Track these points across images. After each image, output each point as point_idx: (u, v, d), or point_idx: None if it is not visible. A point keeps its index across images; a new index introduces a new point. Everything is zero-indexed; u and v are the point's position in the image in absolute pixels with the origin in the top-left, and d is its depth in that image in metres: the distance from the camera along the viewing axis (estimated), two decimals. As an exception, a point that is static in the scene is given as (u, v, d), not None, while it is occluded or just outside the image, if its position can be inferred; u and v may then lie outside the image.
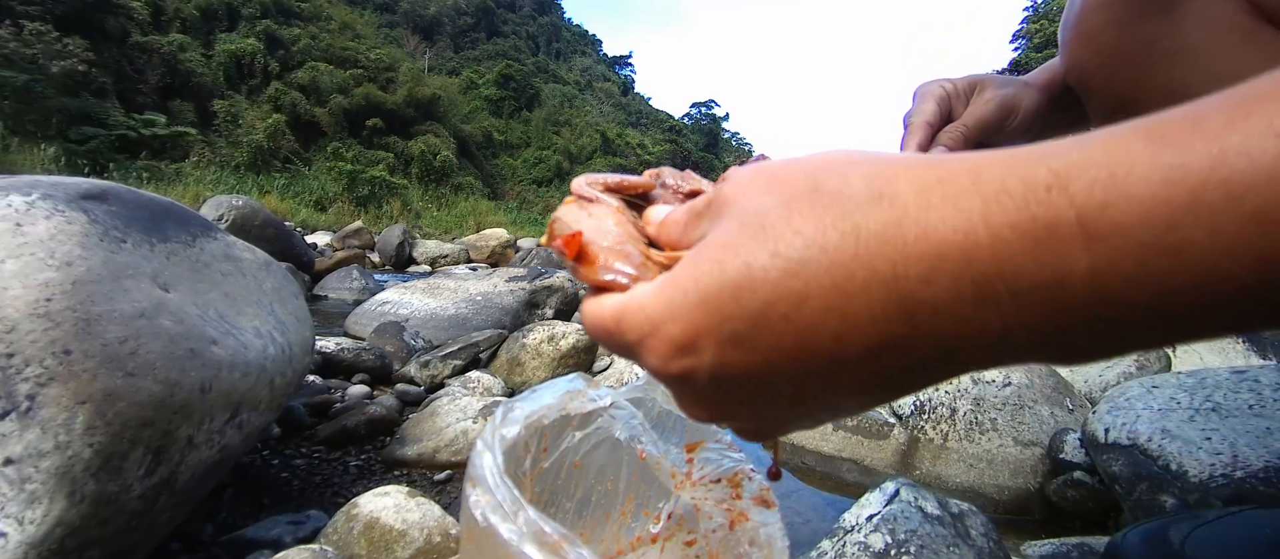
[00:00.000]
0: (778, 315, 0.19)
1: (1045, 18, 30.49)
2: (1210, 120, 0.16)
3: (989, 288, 0.17)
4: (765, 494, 0.48)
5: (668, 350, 0.22)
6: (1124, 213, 0.16)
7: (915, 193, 0.18)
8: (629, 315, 0.23)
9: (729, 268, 0.20)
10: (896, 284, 0.18)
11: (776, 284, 0.19)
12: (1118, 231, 0.16)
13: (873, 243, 0.18)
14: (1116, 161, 0.16)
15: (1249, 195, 0.15)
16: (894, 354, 0.19)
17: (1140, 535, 0.62)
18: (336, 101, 20.48)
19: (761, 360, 0.20)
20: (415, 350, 1.86)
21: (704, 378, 0.21)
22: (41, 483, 0.56)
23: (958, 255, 0.17)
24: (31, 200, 0.67)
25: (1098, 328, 0.17)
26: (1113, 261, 0.16)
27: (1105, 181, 0.16)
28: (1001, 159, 0.18)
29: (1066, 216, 0.16)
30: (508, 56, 38.94)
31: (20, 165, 8.53)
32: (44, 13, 11.90)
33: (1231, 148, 0.15)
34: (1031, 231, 0.17)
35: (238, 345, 0.78)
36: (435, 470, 1.16)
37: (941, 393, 1.29)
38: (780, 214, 0.20)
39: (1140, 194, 0.16)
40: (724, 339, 0.20)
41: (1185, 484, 0.87)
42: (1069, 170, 0.17)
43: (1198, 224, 0.15)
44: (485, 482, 0.32)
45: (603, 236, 0.25)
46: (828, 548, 0.71)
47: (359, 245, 6.53)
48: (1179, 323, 0.17)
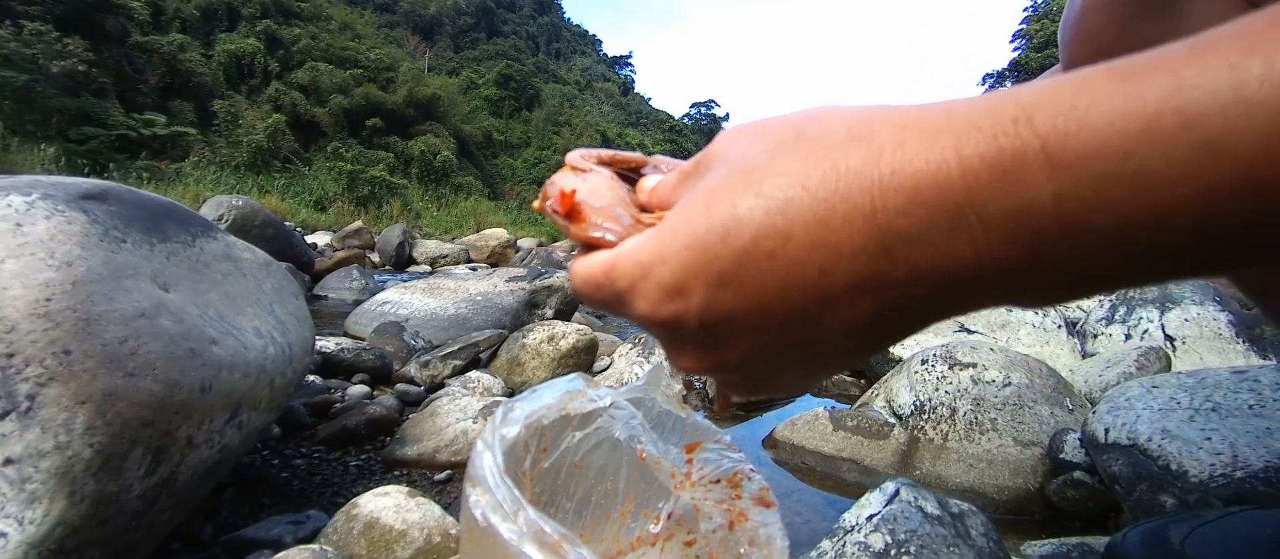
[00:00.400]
0: (764, 253, 0.20)
1: (1046, 17, 30.48)
2: (1172, 57, 0.17)
3: (961, 217, 0.18)
4: (765, 494, 0.48)
5: (658, 294, 0.22)
6: (1084, 141, 0.17)
7: (892, 132, 0.19)
8: (620, 263, 0.23)
9: (717, 210, 0.21)
10: (874, 216, 0.19)
11: (762, 222, 0.20)
12: (1079, 159, 0.17)
13: (852, 179, 0.19)
14: (1080, 95, 0.17)
15: (1203, 124, 0.15)
16: (876, 289, 0.20)
17: (1140, 535, 0.62)
18: (336, 101, 20.47)
19: (748, 301, 0.21)
20: (415, 350, 1.86)
21: (693, 321, 0.22)
22: (41, 483, 0.56)
23: (931, 186, 0.18)
24: (31, 200, 0.67)
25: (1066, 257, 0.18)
26: (1075, 189, 0.17)
27: (1068, 113, 0.17)
28: (974, 100, 0.19)
29: (1032, 146, 0.17)
30: (508, 56, 38.93)
31: (20, 165, 8.53)
32: (44, 13, 11.90)
33: (1188, 79, 0.16)
34: (999, 162, 0.17)
35: (238, 345, 0.78)
36: (435, 470, 1.16)
37: (941, 393, 1.29)
38: (765, 159, 0.21)
39: (1100, 123, 0.17)
40: (712, 280, 0.21)
41: (1185, 484, 0.87)
42: (1036, 104, 0.18)
43: (1153, 151, 0.16)
44: (485, 482, 0.32)
45: (595, 198, 0.26)
46: (828, 548, 0.71)
47: (359, 245, 6.53)
48: (1144, 256, 0.17)
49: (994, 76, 35.27)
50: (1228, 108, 0.15)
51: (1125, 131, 0.16)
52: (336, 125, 20.30)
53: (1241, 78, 0.15)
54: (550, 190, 0.27)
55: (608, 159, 0.28)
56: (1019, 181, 0.17)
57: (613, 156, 0.28)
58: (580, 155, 0.28)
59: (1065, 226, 0.17)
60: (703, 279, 0.21)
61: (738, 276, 0.21)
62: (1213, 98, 0.16)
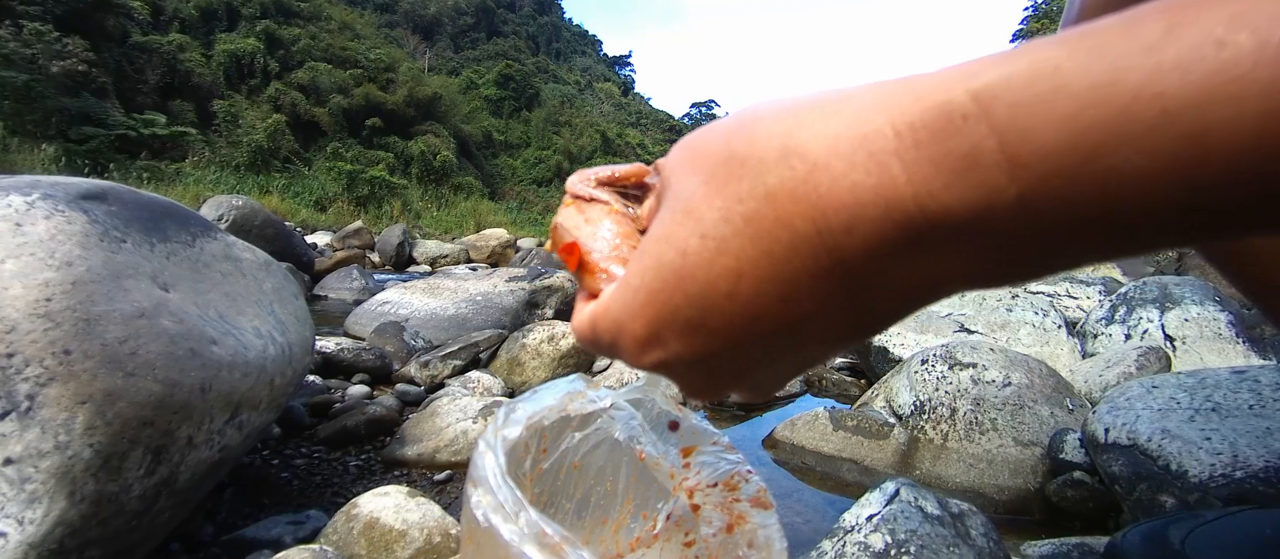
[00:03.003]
0: (721, 295, 0.19)
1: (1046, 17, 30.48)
2: (1147, 27, 0.15)
3: (914, 228, 0.16)
4: (762, 496, 0.48)
5: (636, 348, 0.22)
6: (1049, 137, 0.15)
7: (824, 140, 0.18)
8: (600, 320, 0.24)
9: (666, 259, 0.21)
10: (821, 238, 0.18)
11: (710, 265, 0.19)
12: (1043, 157, 0.15)
13: (788, 204, 0.18)
14: (1042, 80, 0.15)
15: (1187, 113, 0.14)
16: (846, 300, 0.19)
17: (1140, 535, 0.62)
18: (336, 101, 20.48)
19: (722, 340, 0.20)
20: (415, 350, 1.86)
21: (680, 364, 0.22)
22: (41, 483, 0.56)
23: (875, 199, 0.17)
24: (31, 200, 0.67)
25: (1037, 249, 0.16)
26: (1042, 187, 0.15)
27: (1029, 103, 0.15)
28: (917, 85, 0.17)
29: (987, 145, 0.15)
30: (508, 56, 38.93)
31: (20, 165, 8.53)
32: (44, 13, 11.89)
33: (1168, 60, 0.14)
34: (951, 166, 0.16)
35: (238, 345, 0.78)
36: (435, 470, 1.16)
37: (941, 393, 1.29)
38: (701, 194, 0.20)
39: (1066, 114, 0.15)
40: (681, 328, 0.21)
41: (1185, 484, 0.87)
42: (990, 93, 0.15)
43: (1129, 145, 0.14)
44: (487, 482, 0.32)
45: (599, 242, 0.25)
46: (828, 548, 0.71)
47: (359, 245, 6.53)
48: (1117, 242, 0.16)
49: (994, 76, 35.16)
50: (1215, 94, 0.13)
51: (1097, 122, 0.14)
52: (336, 125, 20.30)
53: (1232, 57, 0.13)
54: (556, 237, 0.27)
55: (607, 179, 0.27)
56: (977, 185, 0.16)
57: (612, 176, 0.27)
58: (580, 181, 0.27)
59: (1032, 225, 0.16)
60: (672, 329, 0.21)
61: (703, 322, 0.20)
62: (1200, 84, 0.13)
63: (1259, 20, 0.13)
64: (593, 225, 0.26)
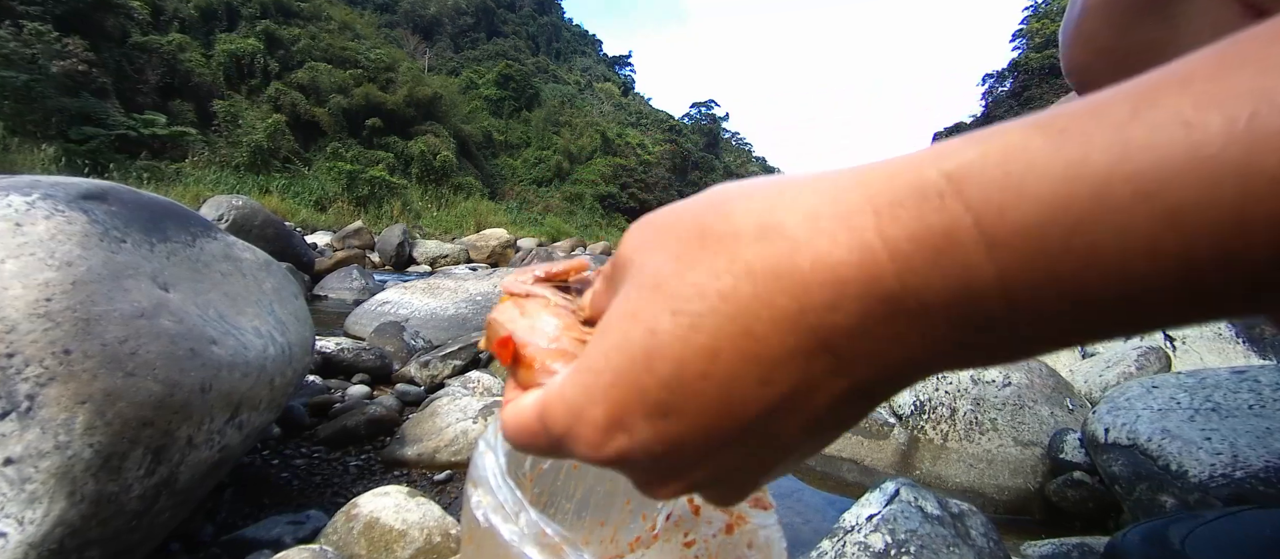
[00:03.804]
0: (694, 375, 0.18)
1: (1046, 17, 30.46)
2: (1114, 110, 0.15)
3: (898, 304, 0.16)
4: (762, 496, 0.48)
5: (595, 435, 0.20)
6: (1024, 215, 0.15)
7: (803, 217, 0.18)
8: (550, 407, 0.21)
9: (634, 337, 0.19)
10: (804, 317, 0.17)
11: (684, 343, 0.18)
12: (1019, 235, 0.15)
13: (768, 280, 0.17)
14: (1013, 160, 0.15)
15: (1161, 192, 0.14)
16: (827, 385, 0.18)
17: (1140, 535, 0.62)
18: (336, 101, 20.48)
19: (693, 425, 0.19)
20: (415, 350, 1.86)
21: (644, 455, 0.20)
22: (41, 483, 0.56)
23: (858, 276, 0.16)
24: (31, 200, 0.67)
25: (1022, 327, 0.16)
26: (1021, 266, 0.15)
27: (1001, 182, 0.15)
28: (891, 166, 0.17)
29: (964, 223, 0.15)
30: (508, 56, 38.94)
31: (20, 165, 8.53)
32: (44, 13, 11.90)
33: (1137, 140, 0.14)
34: (931, 242, 0.16)
35: (238, 345, 0.78)
36: (435, 470, 1.16)
37: (941, 393, 1.29)
38: (672, 269, 0.19)
39: (1040, 193, 0.15)
40: (650, 411, 0.19)
41: (1185, 484, 0.87)
42: (963, 172, 0.16)
43: (1106, 224, 0.14)
44: (488, 482, 0.32)
45: (536, 336, 0.24)
46: (828, 548, 0.71)
47: (359, 245, 6.53)
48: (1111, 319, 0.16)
49: (994, 76, 35.26)
50: (1185, 175, 0.13)
51: (1071, 201, 0.14)
52: (336, 125, 20.31)
53: (1199, 138, 0.13)
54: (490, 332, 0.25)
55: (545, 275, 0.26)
56: (957, 263, 0.15)
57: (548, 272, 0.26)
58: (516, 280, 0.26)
59: (1014, 303, 0.15)
60: (639, 412, 0.19)
61: (674, 404, 0.19)
62: (1167, 164, 0.13)
63: (1226, 97, 0.13)
64: (530, 318, 0.24)
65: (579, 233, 18.67)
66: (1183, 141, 0.13)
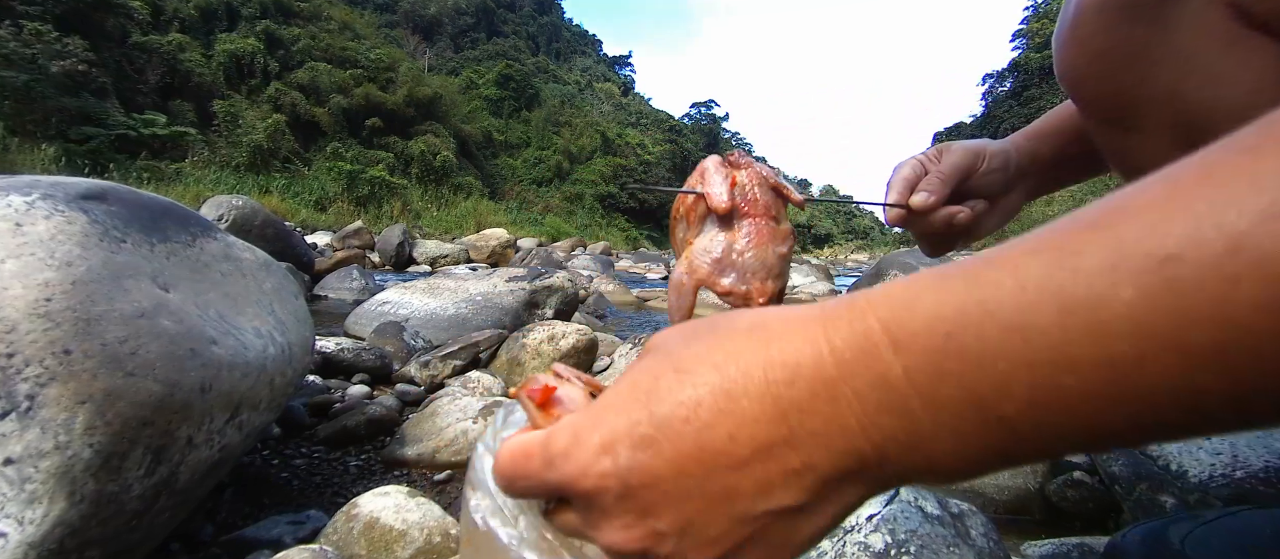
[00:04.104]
0: (680, 418, 0.23)
1: (1046, 17, 30.46)
2: (978, 259, 0.21)
3: (836, 388, 0.22)
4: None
5: (587, 455, 0.25)
6: (912, 324, 0.21)
7: (781, 323, 0.24)
8: (557, 434, 0.26)
9: (640, 382, 0.25)
10: (769, 387, 0.23)
11: (678, 390, 0.24)
12: (911, 338, 0.20)
13: (749, 356, 0.23)
14: (911, 292, 0.21)
15: (999, 311, 0.19)
16: (779, 453, 0.23)
17: (1140, 535, 0.61)
18: (336, 101, 20.48)
19: (667, 461, 0.23)
20: (415, 350, 1.86)
21: (618, 484, 0.24)
22: (41, 483, 0.56)
23: (809, 362, 0.22)
24: (31, 200, 0.67)
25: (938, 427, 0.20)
26: (918, 362, 0.20)
27: (900, 301, 0.21)
28: (839, 299, 0.24)
29: (875, 329, 0.21)
30: (508, 56, 38.92)
31: (20, 165, 8.53)
32: (44, 13, 11.90)
33: (984, 279, 0.20)
34: (856, 343, 0.22)
35: (238, 345, 0.78)
36: (435, 470, 1.16)
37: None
38: (681, 343, 0.26)
39: (923, 309, 0.21)
40: (636, 441, 0.24)
41: (1185, 484, 0.87)
42: (878, 299, 0.22)
43: (967, 332, 0.20)
44: (486, 485, 0.32)
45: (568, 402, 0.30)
46: (828, 548, 0.71)
47: (359, 245, 6.53)
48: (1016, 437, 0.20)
49: (994, 77, 35.27)
50: (1016, 307, 0.19)
51: (941, 315, 0.20)
52: (336, 125, 20.31)
53: (1020, 281, 0.19)
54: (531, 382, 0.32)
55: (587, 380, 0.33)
56: (875, 358, 0.21)
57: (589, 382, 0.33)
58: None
59: (921, 393, 0.20)
60: (627, 441, 0.24)
61: (657, 439, 0.24)
62: (1001, 296, 0.19)
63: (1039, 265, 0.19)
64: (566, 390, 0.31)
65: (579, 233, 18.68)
66: (1011, 285, 0.19)
